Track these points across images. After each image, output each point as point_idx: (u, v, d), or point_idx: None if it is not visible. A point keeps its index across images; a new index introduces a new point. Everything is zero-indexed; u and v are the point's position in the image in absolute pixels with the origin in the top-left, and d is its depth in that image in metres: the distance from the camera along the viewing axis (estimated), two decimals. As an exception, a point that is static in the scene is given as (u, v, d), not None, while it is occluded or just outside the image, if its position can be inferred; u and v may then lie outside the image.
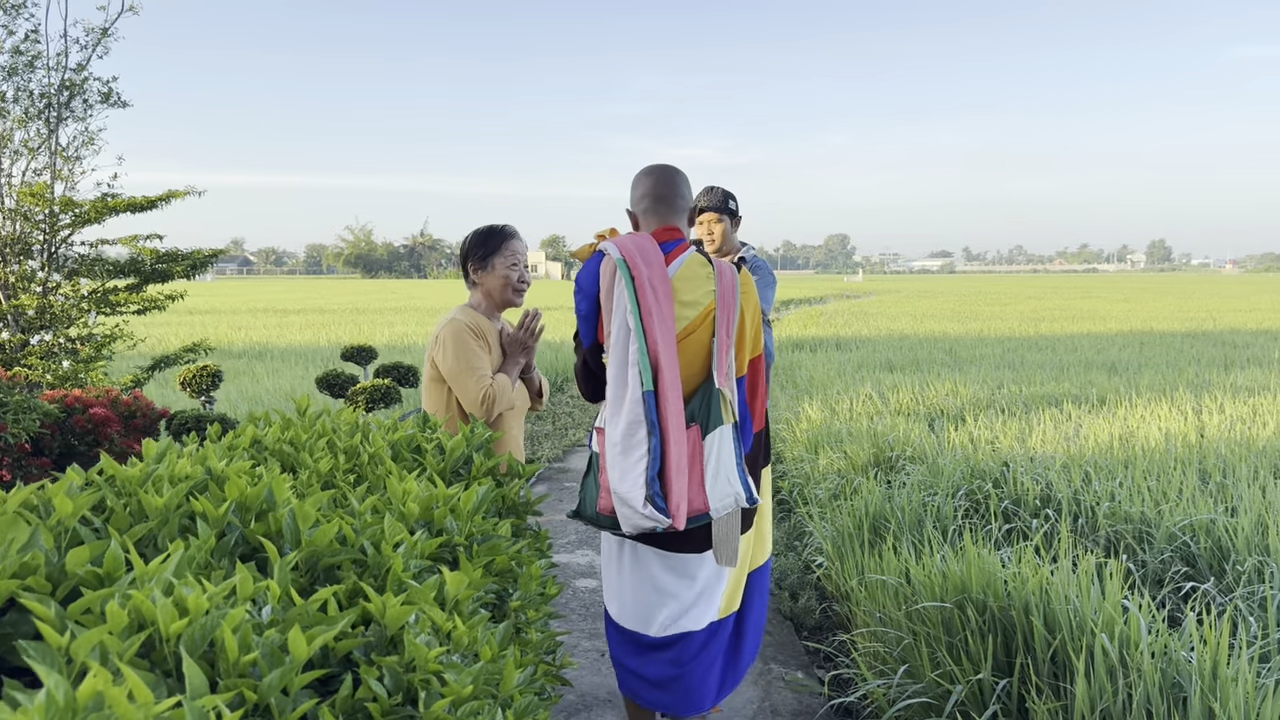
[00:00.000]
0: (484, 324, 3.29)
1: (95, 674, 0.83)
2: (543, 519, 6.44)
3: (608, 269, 2.64)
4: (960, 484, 5.21)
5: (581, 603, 4.85)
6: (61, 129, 7.14)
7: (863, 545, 4.49)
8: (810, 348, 16.24)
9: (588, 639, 4.36)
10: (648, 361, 2.54)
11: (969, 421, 7.21)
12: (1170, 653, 2.86)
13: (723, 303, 2.68)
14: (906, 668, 3.45)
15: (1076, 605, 3.17)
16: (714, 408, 2.61)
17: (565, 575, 5.29)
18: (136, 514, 1.48)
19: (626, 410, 2.54)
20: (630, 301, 2.56)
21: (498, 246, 3.31)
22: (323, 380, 6.89)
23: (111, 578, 1.22)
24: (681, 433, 2.54)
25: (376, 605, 1.22)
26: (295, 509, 1.42)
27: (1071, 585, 3.28)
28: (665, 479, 2.52)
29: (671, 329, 2.58)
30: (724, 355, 2.66)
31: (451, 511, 1.78)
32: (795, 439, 7.47)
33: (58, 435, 4.70)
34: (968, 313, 28.07)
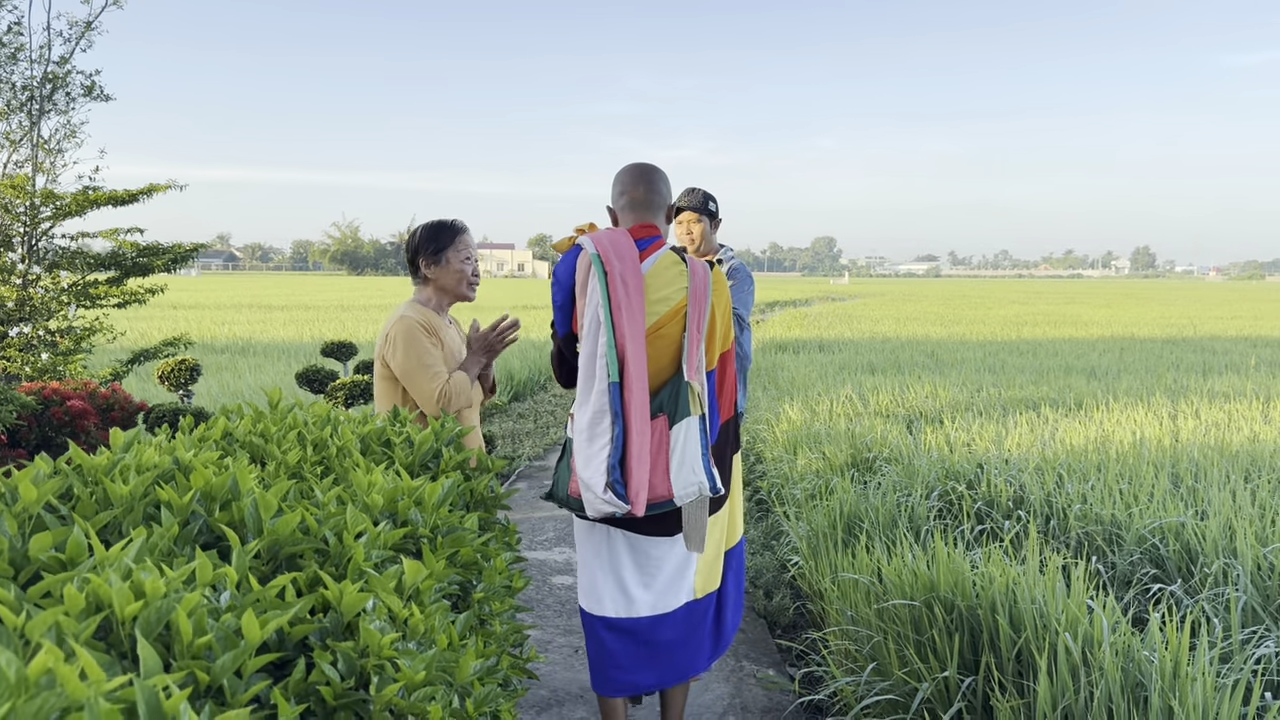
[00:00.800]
0: (434, 320, 3.26)
1: (47, 651, 0.85)
2: (519, 515, 6.46)
3: (583, 263, 2.73)
4: (935, 485, 5.26)
5: (557, 599, 4.87)
6: (43, 122, 7.13)
7: (837, 545, 4.52)
8: (793, 349, 16.30)
9: (562, 635, 4.38)
10: (615, 354, 2.63)
11: (946, 424, 7.26)
12: (1132, 652, 2.91)
13: (694, 299, 2.76)
14: (875, 665, 3.49)
15: (1042, 605, 3.21)
16: (682, 400, 2.70)
17: (541, 572, 5.31)
18: (102, 502, 1.50)
19: (594, 400, 2.65)
20: (601, 295, 2.64)
21: (451, 240, 3.30)
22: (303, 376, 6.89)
23: (74, 563, 1.24)
24: (645, 423, 2.63)
25: (333, 592, 1.24)
26: (258, 498, 1.44)
27: (1038, 585, 3.32)
28: (626, 467, 2.61)
29: (641, 324, 2.66)
30: (694, 350, 2.75)
31: (417, 504, 1.81)
32: (775, 439, 7.51)
33: (35, 427, 4.69)
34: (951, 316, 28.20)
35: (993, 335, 19.73)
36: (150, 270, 7.42)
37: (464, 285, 3.34)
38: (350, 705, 1.11)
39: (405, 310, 3.26)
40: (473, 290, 3.37)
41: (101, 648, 1.05)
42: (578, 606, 4.70)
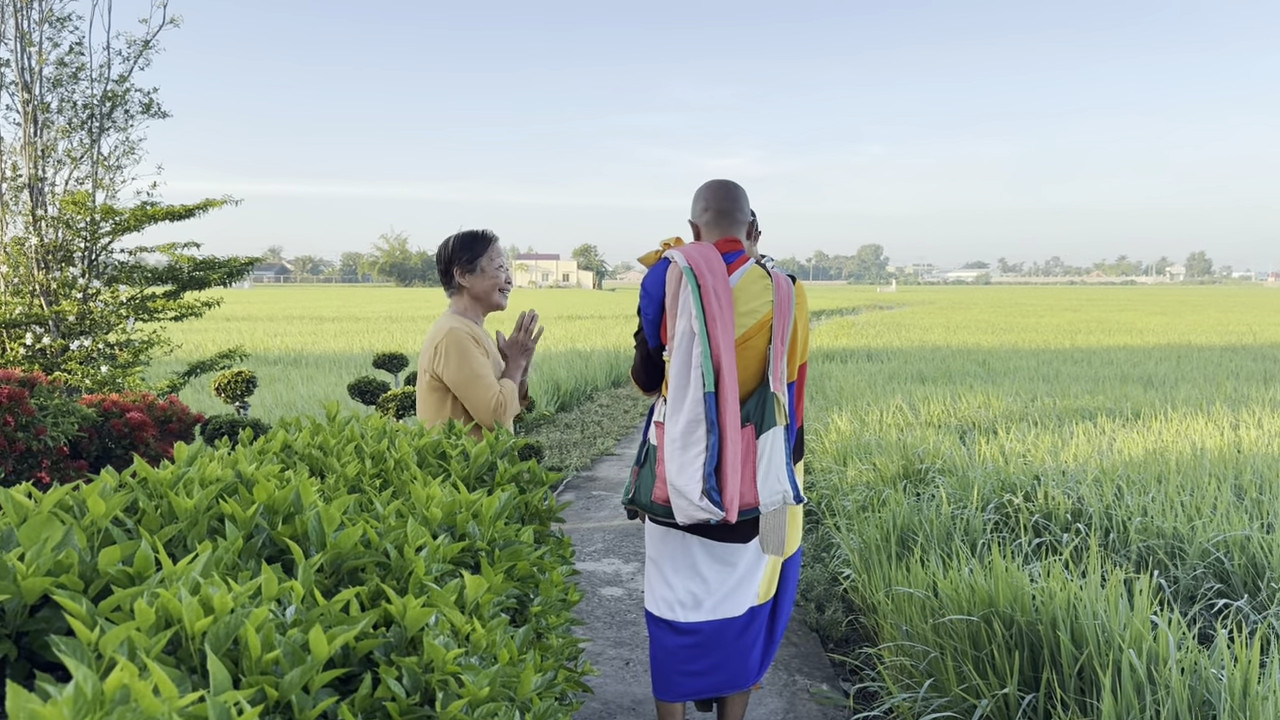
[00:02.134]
0: (477, 330, 3.31)
1: (122, 668, 0.86)
2: (567, 527, 6.47)
3: (673, 275, 2.79)
4: (990, 497, 5.18)
5: (607, 611, 4.86)
6: (103, 139, 7.29)
7: (890, 558, 4.47)
8: (841, 358, 16.18)
9: (612, 647, 4.37)
10: (710, 364, 2.70)
11: (1001, 434, 7.15)
12: (1200, 670, 2.83)
13: (779, 312, 2.85)
14: (932, 681, 3.43)
15: (1104, 620, 3.14)
16: (768, 410, 2.80)
17: (590, 584, 5.30)
18: (167, 515, 1.52)
19: (687, 409, 2.71)
20: (696, 307, 2.71)
21: (484, 249, 3.34)
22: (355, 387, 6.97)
23: (141, 576, 1.25)
24: (737, 432, 2.71)
25: (397, 607, 1.24)
26: (321, 512, 1.45)
27: (1100, 600, 3.25)
28: (721, 475, 2.68)
29: (732, 335, 2.74)
30: (779, 361, 2.84)
31: (474, 517, 1.81)
32: (824, 450, 7.45)
33: (95, 439, 4.79)
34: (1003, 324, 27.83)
35: (1045, 343, 19.43)
36: (206, 284, 7.56)
37: (497, 292, 3.38)
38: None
39: (449, 321, 3.27)
40: (505, 297, 3.42)
41: (171, 663, 1.06)
42: (627, 618, 4.71)
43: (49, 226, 7.01)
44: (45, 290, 6.95)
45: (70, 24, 7.21)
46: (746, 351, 2.84)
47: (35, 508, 1.37)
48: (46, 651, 1.19)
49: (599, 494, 7.54)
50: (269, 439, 2.18)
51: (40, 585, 1.18)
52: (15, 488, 1.45)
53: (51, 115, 7.15)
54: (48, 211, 7.06)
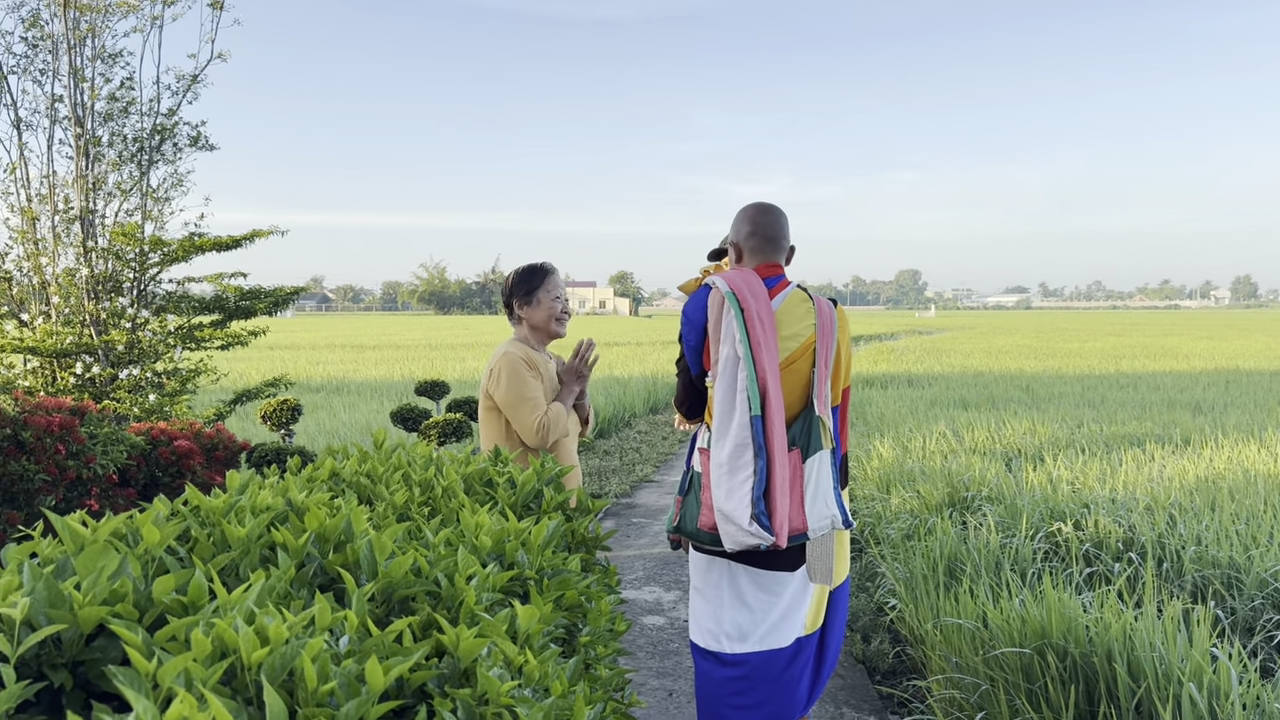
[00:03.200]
0: (534, 356, 3.43)
1: (181, 700, 0.85)
2: (610, 554, 6.44)
3: (715, 301, 2.82)
4: (1039, 525, 5.08)
5: (649, 640, 4.82)
6: (152, 171, 7.45)
7: (938, 588, 4.39)
8: (881, 384, 16.04)
9: (655, 678, 4.32)
10: (756, 388, 2.69)
11: (1048, 461, 7.04)
12: (1263, 704, 2.74)
13: (822, 335, 2.86)
14: (984, 715, 3.35)
15: (1162, 653, 3.06)
16: (814, 434, 2.79)
17: (632, 612, 5.26)
18: (220, 544, 1.52)
19: (734, 433, 2.70)
20: (740, 332, 2.73)
21: (541, 281, 3.49)
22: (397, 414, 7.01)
23: (196, 606, 1.25)
24: (785, 456, 2.71)
25: (450, 637, 1.23)
26: (373, 541, 1.44)
27: (1157, 632, 3.17)
28: (770, 499, 2.66)
29: (776, 358, 2.75)
30: (822, 385, 2.84)
31: (523, 545, 1.80)
32: (866, 477, 7.36)
33: (143, 467, 4.84)
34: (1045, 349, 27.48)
35: (1090, 369, 19.14)
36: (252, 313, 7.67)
37: (554, 322, 3.51)
38: (471, 755, 1.09)
39: (508, 347, 3.43)
40: (562, 326, 3.54)
41: (227, 693, 1.05)
42: (669, 648, 4.66)
43: (99, 258, 7.16)
44: (95, 320, 7.08)
45: (121, 60, 7.40)
46: (791, 375, 2.84)
47: (91, 536, 1.37)
48: (102, 681, 1.19)
49: (639, 521, 7.50)
50: (317, 467, 2.19)
51: (96, 615, 1.18)
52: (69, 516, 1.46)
53: (103, 149, 7.32)
54: (98, 243, 7.21)
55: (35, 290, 7.15)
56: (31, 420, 4.18)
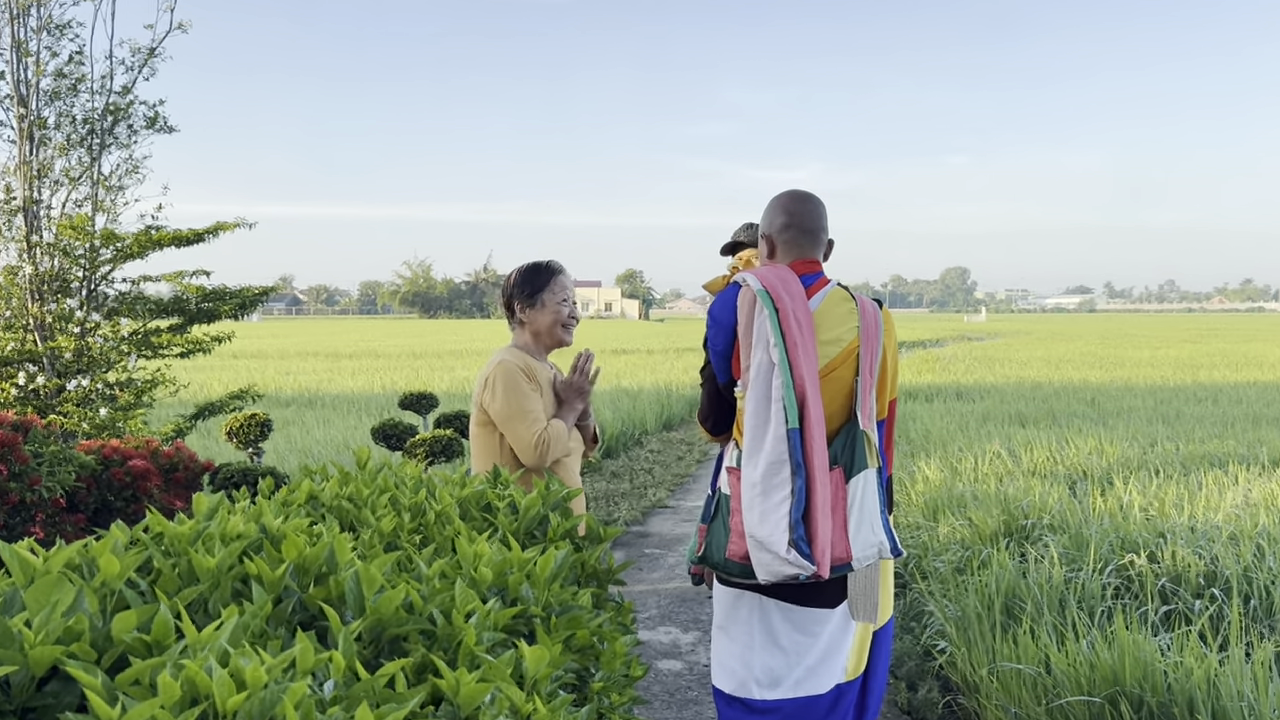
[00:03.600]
0: (534, 365, 3.43)
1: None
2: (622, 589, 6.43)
3: (746, 301, 2.75)
4: (1108, 558, 5.06)
5: (665, 688, 4.81)
6: (104, 156, 7.48)
7: (994, 628, 4.37)
8: (925, 397, 16.02)
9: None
10: (794, 397, 2.63)
11: (1117, 484, 7.01)
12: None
13: (866, 340, 2.82)
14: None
15: (1252, 701, 3.04)
16: (859, 450, 2.73)
17: (646, 655, 5.25)
18: (186, 576, 1.52)
19: (768, 449, 2.63)
20: (775, 334, 2.66)
21: (547, 282, 3.48)
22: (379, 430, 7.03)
23: (161, 645, 1.25)
24: (825, 474, 2.64)
25: (449, 682, 1.23)
26: (359, 572, 1.44)
27: (1245, 678, 3.15)
28: (810, 522, 2.60)
29: (815, 365, 2.70)
30: (866, 395, 2.80)
31: (527, 578, 1.79)
32: (911, 503, 7.35)
33: (94, 490, 4.86)
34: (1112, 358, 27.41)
35: (1163, 379, 19.09)
36: (216, 316, 7.70)
37: (559, 328, 3.51)
38: (474, 817, 1.09)
39: (504, 355, 3.43)
40: (569, 333, 3.55)
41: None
42: (688, 696, 4.65)
43: (44, 254, 7.20)
44: (40, 324, 7.11)
45: (70, 31, 7.43)
46: (831, 384, 2.78)
47: (43, 567, 1.38)
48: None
49: (652, 552, 7.50)
50: (293, 490, 2.19)
51: (50, 655, 1.18)
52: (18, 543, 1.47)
53: (49, 131, 7.36)
54: (43, 237, 7.25)
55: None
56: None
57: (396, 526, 1.97)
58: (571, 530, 2.31)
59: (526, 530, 2.21)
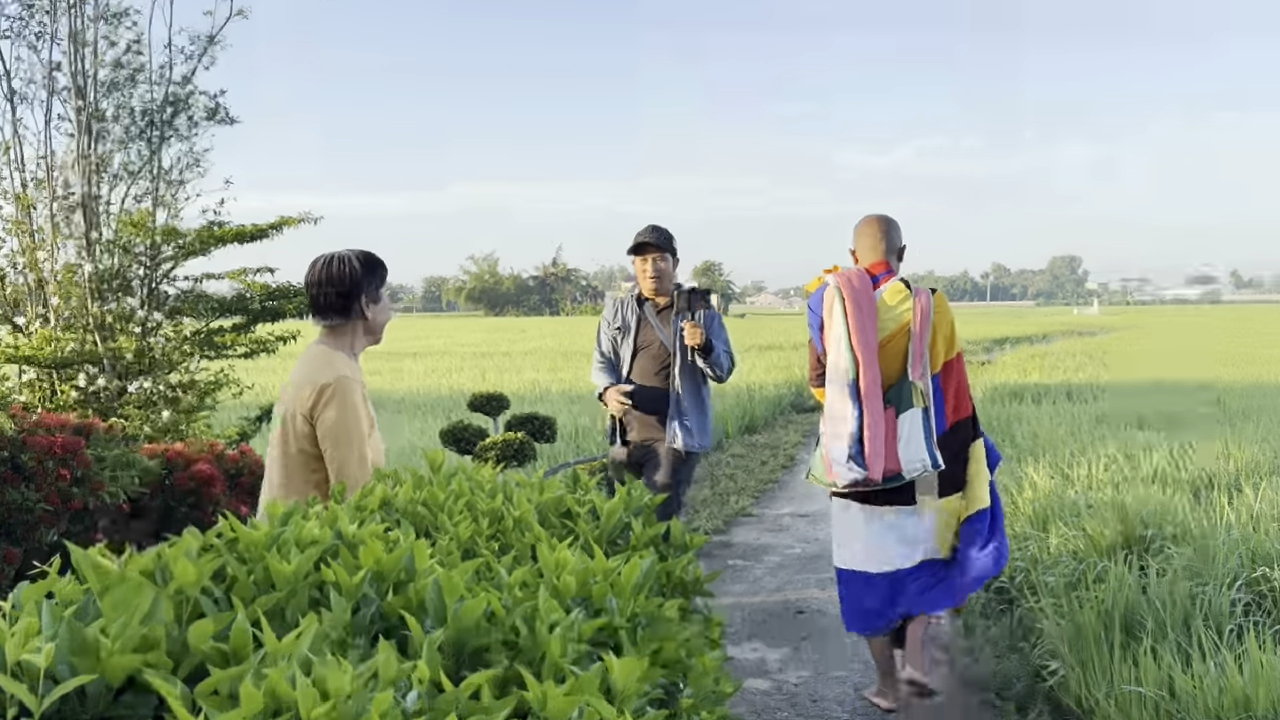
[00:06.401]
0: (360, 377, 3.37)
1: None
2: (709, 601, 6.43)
3: (828, 295, 4.36)
4: (1239, 571, 4.94)
5: (752, 707, 4.80)
6: (164, 150, 7.67)
7: (1111, 648, 4.29)
8: (1032, 397, 15.76)
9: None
10: (851, 360, 4.22)
11: (1246, 491, 6.83)
12: None
13: (920, 318, 4.30)
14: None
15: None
16: (905, 395, 4.25)
17: (733, 673, 5.25)
18: (262, 583, 1.56)
19: (836, 396, 4.28)
20: (840, 318, 4.26)
21: (385, 276, 3.46)
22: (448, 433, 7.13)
23: (238, 655, 1.29)
24: (878, 414, 4.17)
25: (536, 695, 1.24)
26: (440, 580, 1.47)
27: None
28: (865, 444, 4.14)
29: (872, 338, 4.23)
30: (918, 357, 4.30)
31: (611, 588, 1.81)
32: (1018, 511, 7.24)
33: (157, 495, 5.00)
34: (1240, 354, 26.66)
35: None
36: (281, 315, 7.85)
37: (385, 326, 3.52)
38: (565, 836, 1.11)
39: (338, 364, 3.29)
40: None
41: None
42: (776, 717, 4.65)
43: (104, 251, 7.41)
44: (100, 324, 7.32)
45: (127, 20, 7.64)
46: (889, 350, 4.31)
47: (119, 573, 1.43)
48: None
49: (736, 563, 7.49)
50: (365, 494, 2.23)
51: (127, 664, 1.22)
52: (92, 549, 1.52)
53: (107, 124, 7.56)
54: (102, 234, 7.46)
55: (31, 290, 7.40)
56: (31, 441, 4.35)
57: (474, 533, 2.00)
58: (655, 537, 2.33)
59: (609, 537, 2.24)
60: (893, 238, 4.51)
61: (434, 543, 1.98)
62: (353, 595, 1.50)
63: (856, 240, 4.56)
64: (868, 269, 4.42)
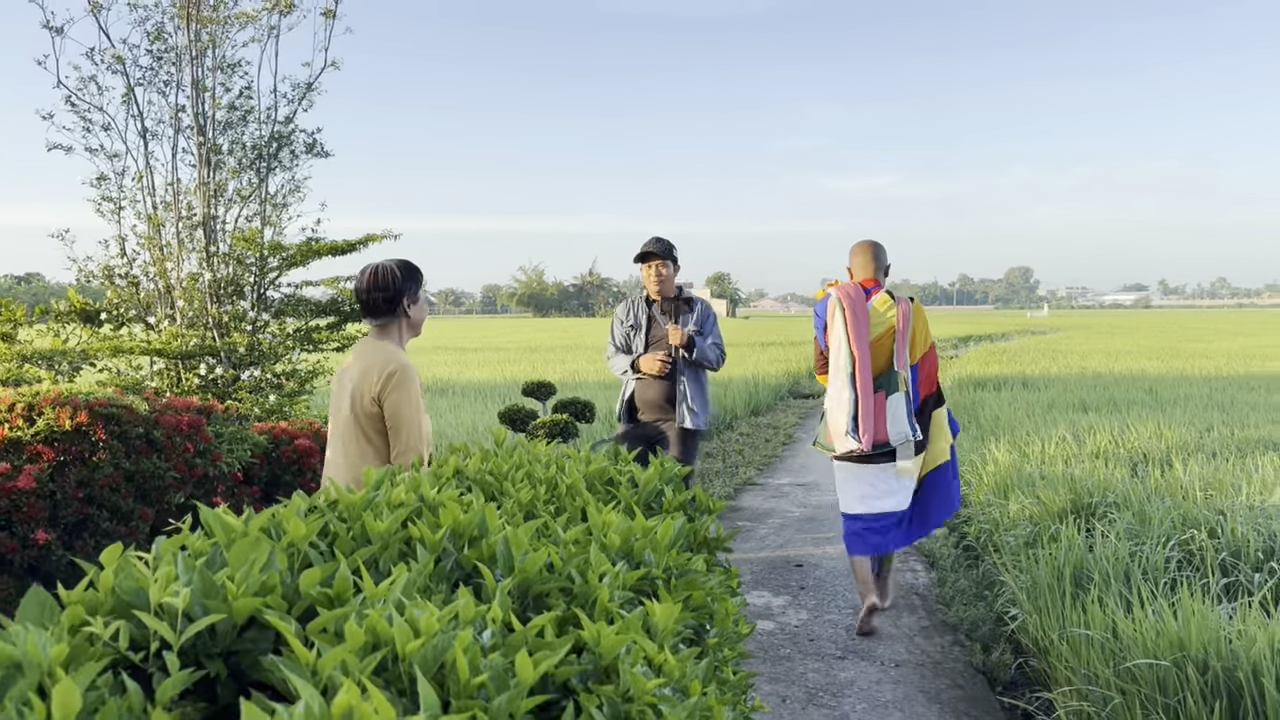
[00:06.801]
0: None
1: (346, 690, 0.88)
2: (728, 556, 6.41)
3: (831, 305, 4.78)
4: (1170, 534, 4.87)
5: (759, 645, 4.78)
6: (270, 178, 7.70)
7: (1063, 597, 4.24)
8: (994, 386, 15.62)
9: (768, 683, 4.29)
10: (849, 355, 4.68)
11: (1176, 466, 6.74)
12: None
13: (902, 321, 4.74)
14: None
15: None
16: (892, 382, 4.71)
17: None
18: (359, 538, 1.56)
19: (837, 382, 4.73)
20: (840, 322, 4.72)
21: (422, 279, 3.43)
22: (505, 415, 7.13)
23: (341, 599, 1.28)
24: (869, 396, 4.66)
25: (591, 634, 1.23)
26: (509, 536, 1.46)
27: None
28: (858, 420, 4.65)
29: (865, 338, 4.68)
30: (901, 353, 4.74)
31: (650, 544, 1.80)
32: (981, 483, 7.18)
33: (265, 465, 5.02)
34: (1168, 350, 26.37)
35: (1217, 370, 18.28)
36: (367, 315, 7.87)
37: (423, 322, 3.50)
38: (618, 753, 1.10)
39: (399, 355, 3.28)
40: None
41: (380, 684, 1.07)
42: (780, 654, 4.63)
43: (221, 262, 7.45)
44: (217, 323, 7.37)
45: (240, 70, 7.67)
46: (879, 347, 4.74)
47: (242, 529, 1.42)
48: (255, 671, 1.23)
49: (743, 524, 7.46)
50: (441, 465, 2.23)
51: (251, 605, 1.22)
52: (217, 509, 1.52)
53: (223, 156, 7.60)
54: (219, 248, 7.50)
55: (161, 294, 7.47)
56: (162, 419, 4.37)
57: (533, 498, 1.99)
58: (684, 503, 2.31)
59: (645, 502, 2.22)
60: (880, 258, 4.90)
61: (500, 505, 1.97)
62: (435, 549, 1.50)
63: (852, 260, 4.94)
64: (861, 283, 4.81)
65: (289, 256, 7.53)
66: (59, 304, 7.45)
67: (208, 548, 1.44)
